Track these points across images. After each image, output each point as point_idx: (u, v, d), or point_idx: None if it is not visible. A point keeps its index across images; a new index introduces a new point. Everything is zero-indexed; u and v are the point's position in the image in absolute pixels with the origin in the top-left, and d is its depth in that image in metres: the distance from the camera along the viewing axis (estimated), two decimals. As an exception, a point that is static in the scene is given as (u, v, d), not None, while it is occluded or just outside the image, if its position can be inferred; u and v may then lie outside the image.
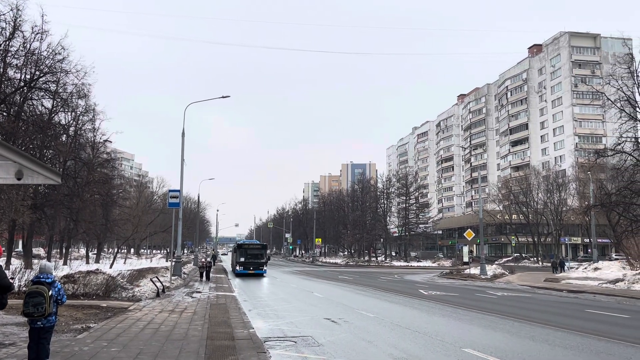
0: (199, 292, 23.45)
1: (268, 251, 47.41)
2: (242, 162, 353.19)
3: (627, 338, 12.13)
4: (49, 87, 32.71)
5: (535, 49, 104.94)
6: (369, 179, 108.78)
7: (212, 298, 20.60)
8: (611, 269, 37.61)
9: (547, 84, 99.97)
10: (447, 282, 36.84)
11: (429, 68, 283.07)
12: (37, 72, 31.43)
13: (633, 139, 39.46)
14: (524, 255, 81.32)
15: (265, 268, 41.89)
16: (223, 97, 33.03)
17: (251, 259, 41.81)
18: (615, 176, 43.12)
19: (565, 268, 47.82)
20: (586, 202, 51.97)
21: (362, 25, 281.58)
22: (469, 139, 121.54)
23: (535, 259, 75.01)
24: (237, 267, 41.92)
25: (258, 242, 54.79)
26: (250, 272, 40.94)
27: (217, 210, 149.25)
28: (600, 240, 63.85)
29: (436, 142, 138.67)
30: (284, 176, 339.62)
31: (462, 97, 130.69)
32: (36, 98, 32.65)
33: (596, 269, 39.01)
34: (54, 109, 34.79)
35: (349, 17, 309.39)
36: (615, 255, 61.18)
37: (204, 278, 33.23)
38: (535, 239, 75.74)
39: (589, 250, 64.77)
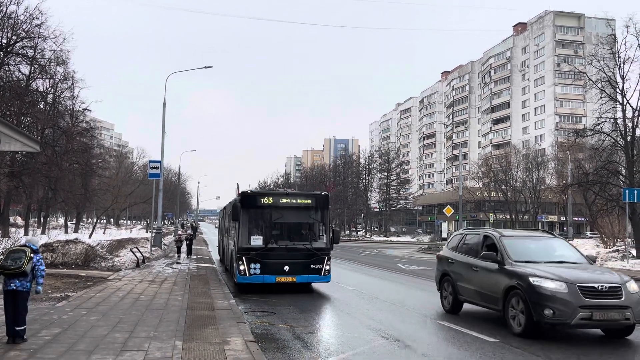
0: (179, 263, 23.44)
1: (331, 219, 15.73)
2: (224, 134, 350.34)
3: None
4: (26, 52, 31.83)
5: (520, 28, 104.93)
6: (352, 154, 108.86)
7: (193, 269, 20.63)
8: (585, 247, 38.39)
9: (530, 63, 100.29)
10: (426, 257, 37.33)
11: (414, 44, 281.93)
12: (14, 37, 30.56)
13: (612, 120, 39.90)
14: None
15: (328, 267, 15.06)
16: (205, 67, 32.72)
17: (286, 238, 15.25)
18: (593, 156, 43.64)
19: None
20: (564, 181, 52.70)
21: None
22: (451, 116, 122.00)
23: (512, 236, 76.02)
24: (245, 266, 14.41)
25: (294, 191, 20.00)
26: (284, 279, 14.53)
27: (198, 182, 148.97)
28: (576, 218, 65.04)
29: (419, 118, 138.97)
30: (267, 150, 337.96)
31: (445, 74, 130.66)
32: (13, 63, 31.73)
33: (571, 246, 39.78)
34: (32, 75, 33.89)
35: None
36: (590, 233, 62.52)
37: (184, 254, 27.26)
38: (513, 217, 76.84)
39: (565, 228, 65.99)
